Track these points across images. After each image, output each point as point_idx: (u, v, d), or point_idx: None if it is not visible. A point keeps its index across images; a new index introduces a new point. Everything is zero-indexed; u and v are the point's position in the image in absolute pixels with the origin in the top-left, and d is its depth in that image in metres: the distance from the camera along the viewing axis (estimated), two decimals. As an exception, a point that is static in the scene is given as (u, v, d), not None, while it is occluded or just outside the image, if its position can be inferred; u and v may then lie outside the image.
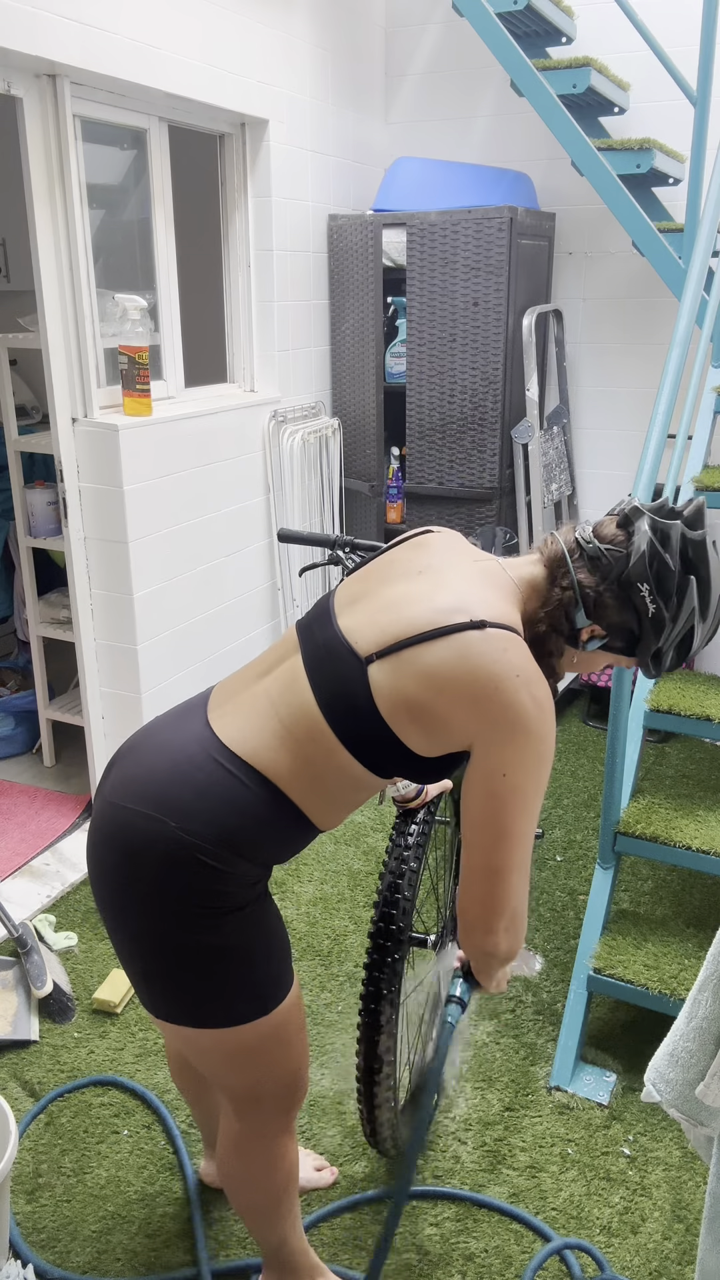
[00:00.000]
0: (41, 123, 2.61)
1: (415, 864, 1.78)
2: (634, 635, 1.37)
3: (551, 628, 1.37)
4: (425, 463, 3.79)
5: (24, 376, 4.18)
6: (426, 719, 1.29)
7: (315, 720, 1.32)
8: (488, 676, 1.25)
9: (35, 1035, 2.34)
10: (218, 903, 1.33)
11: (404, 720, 1.29)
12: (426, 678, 1.27)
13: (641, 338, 3.97)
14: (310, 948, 2.68)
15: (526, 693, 1.26)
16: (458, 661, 1.26)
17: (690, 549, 1.35)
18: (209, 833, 1.30)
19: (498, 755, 1.27)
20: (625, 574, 1.34)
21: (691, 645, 1.39)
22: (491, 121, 4.01)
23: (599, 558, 1.35)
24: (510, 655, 1.27)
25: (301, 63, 3.52)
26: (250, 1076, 1.46)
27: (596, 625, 1.37)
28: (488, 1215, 1.92)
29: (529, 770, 1.28)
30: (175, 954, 1.35)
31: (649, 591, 1.33)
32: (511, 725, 1.26)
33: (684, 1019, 1.26)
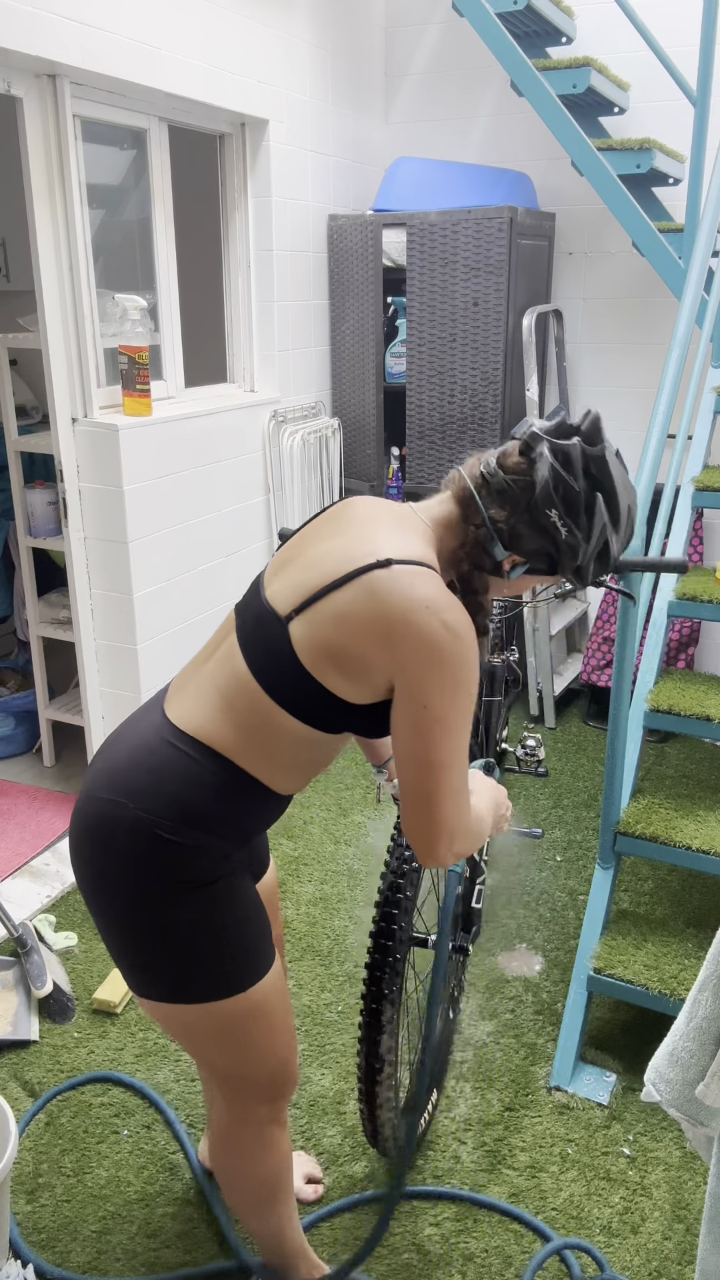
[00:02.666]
0: (41, 123, 2.61)
1: (417, 863, 1.78)
2: (553, 558, 1.39)
3: (474, 565, 1.39)
4: (425, 463, 3.79)
5: (24, 376, 4.18)
6: (347, 663, 1.31)
7: (252, 688, 1.36)
8: (396, 610, 1.27)
9: (35, 1035, 2.34)
10: (183, 878, 1.36)
11: (328, 669, 1.32)
12: (340, 622, 1.30)
13: (641, 338, 3.97)
14: (310, 948, 2.68)
15: (437, 620, 1.27)
16: (367, 600, 1.29)
17: (592, 465, 1.36)
18: (166, 810, 1.35)
19: (416, 687, 1.29)
20: (533, 502, 1.35)
21: (610, 556, 1.42)
22: (491, 121, 4.01)
23: (505, 489, 1.36)
24: (418, 587, 1.29)
25: (301, 63, 3.52)
26: (232, 1057, 1.47)
27: (516, 555, 1.39)
28: (488, 1215, 1.92)
29: (449, 698, 1.29)
30: (149, 932, 1.38)
31: (558, 516, 1.35)
32: (426, 655, 1.27)
33: (684, 1019, 1.26)
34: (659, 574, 2.35)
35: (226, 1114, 1.55)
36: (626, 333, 4.00)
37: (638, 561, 1.92)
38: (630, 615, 2.11)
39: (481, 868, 2.09)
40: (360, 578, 1.30)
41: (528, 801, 3.44)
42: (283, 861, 3.07)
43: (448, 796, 1.34)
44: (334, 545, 1.36)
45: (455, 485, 1.41)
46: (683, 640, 3.90)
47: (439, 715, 1.29)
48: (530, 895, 2.90)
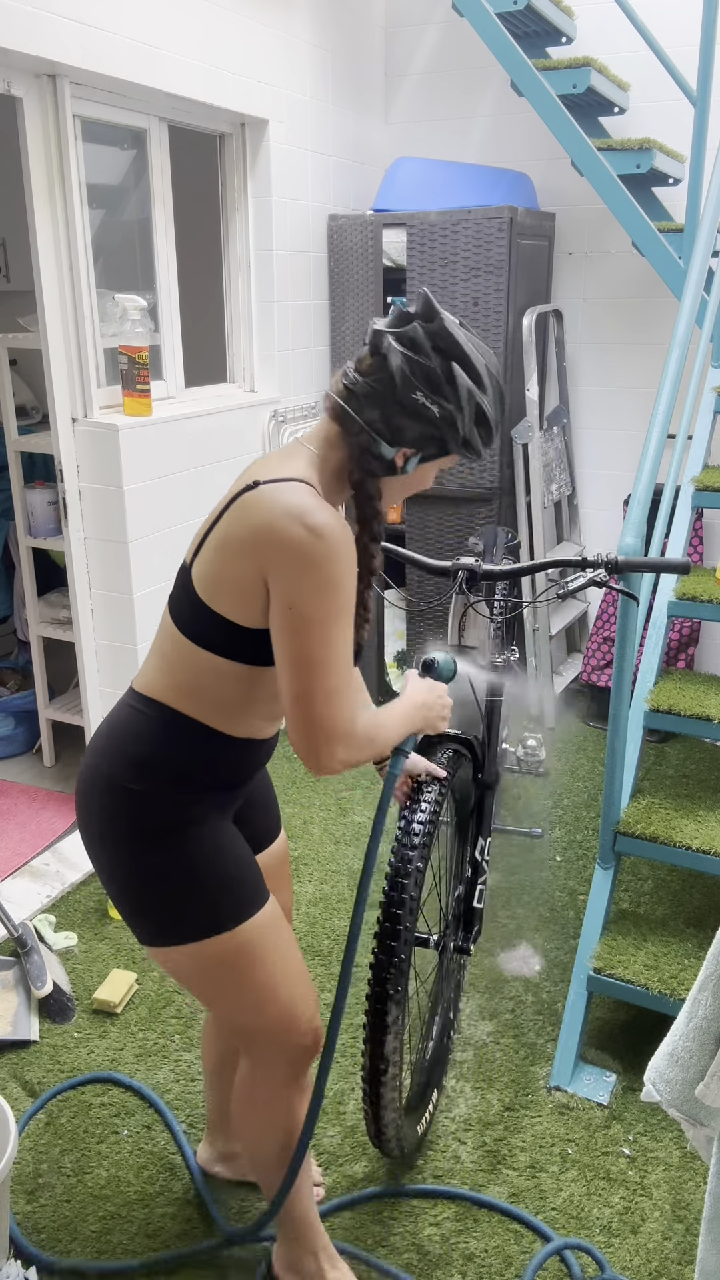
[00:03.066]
0: (41, 123, 2.61)
1: (421, 864, 1.78)
2: (438, 437, 1.44)
3: (365, 471, 1.45)
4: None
5: (24, 376, 4.17)
6: (231, 585, 1.38)
7: (176, 636, 1.46)
8: (261, 521, 1.35)
9: (35, 1035, 2.34)
10: (149, 823, 1.46)
11: (219, 596, 1.40)
12: (218, 548, 1.40)
13: (641, 338, 3.97)
14: (310, 948, 2.68)
15: (299, 524, 1.32)
16: (238, 522, 1.38)
17: (438, 340, 1.41)
18: (124, 761, 1.47)
19: (283, 591, 1.34)
20: (398, 392, 1.40)
21: (488, 420, 1.46)
22: (491, 121, 4.01)
23: (370, 391, 1.41)
24: (281, 498, 1.35)
25: (301, 63, 3.52)
26: (233, 1001, 1.53)
27: (404, 448, 1.44)
28: (488, 1215, 1.92)
29: (316, 598, 1.33)
30: (132, 877, 1.48)
31: (425, 395, 1.40)
32: (289, 558, 1.33)
33: (684, 1019, 1.26)
34: (659, 574, 2.35)
35: (247, 1067, 1.61)
36: (626, 333, 4.00)
37: (640, 562, 1.92)
38: (630, 615, 2.11)
39: (482, 868, 2.09)
40: (233, 505, 1.40)
41: (528, 801, 3.44)
42: (283, 861, 3.07)
43: (322, 697, 1.37)
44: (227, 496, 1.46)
45: (327, 404, 1.46)
46: (683, 640, 3.90)
47: (307, 615, 1.34)
48: (530, 895, 2.90)
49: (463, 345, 1.41)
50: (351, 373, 1.44)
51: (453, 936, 2.15)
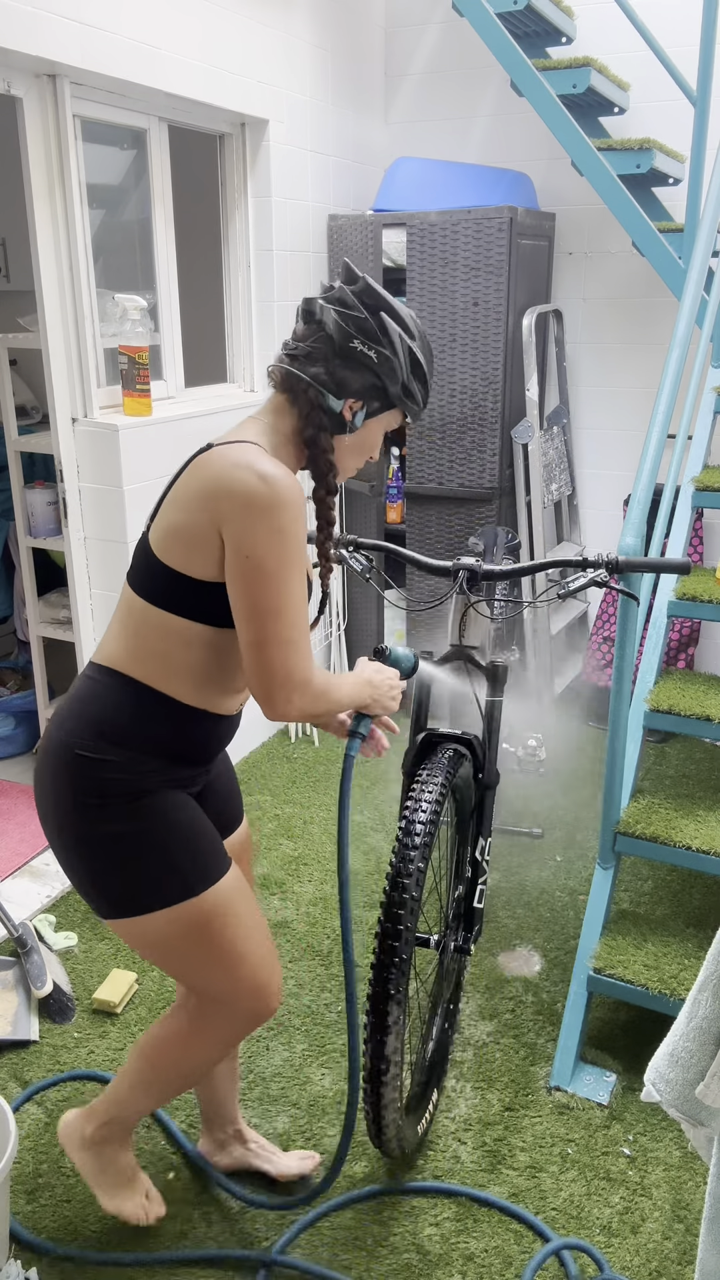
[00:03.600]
0: (41, 123, 2.61)
1: (422, 864, 1.78)
2: (380, 386, 1.53)
3: (316, 428, 1.53)
4: (425, 463, 3.79)
5: (24, 376, 4.17)
6: (185, 538, 1.44)
7: (134, 601, 1.51)
8: (213, 473, 1.43)
9: (35, 1035, 2.34)
10: (106, 790, 1.49)
11: (174, 550, 1.45)
12: (172, 505, 1.47)
13: (641, 338, 3.97)
14: (310, 948, 2.68)
15: (251, 473, 1.40)
16: (191, 478, 1.46)
17: (363, 295, 1.52)
18: (80, 726, 1.50)
19: (238, 538, 1.40)
20: (338, 345, 1.50)
21: (422, 367, 1.56)
22: (491, 121, 4.01)
23: (311, 351, 1.51)
24: (232, 454, 1.43)
25: (301, 63, 3.52)
26: (205, 966, 1.57)
27: (350, 399, 1.53)
28: (488, 1215, 1.92)
29: (269, 545, 1.39)
30: (89, 847, 1.51)
31: (363, 343, 1.50)
32: (242, 505, 1.39)
33: (684, 1019, 1.26)
34: (659, 574, 2.35)
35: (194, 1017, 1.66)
36: (626, 333, 4.00)
37: (640, 562, 1.92)
38: (630, 615, 2.11)
39: (482, 868, 2.09)
40: (189, 466, 1.48)
41: (528, 802, 3.44)
42: (283, 861, 3.07)
43: (277, 645, 1.43)
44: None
45: (274, 376, 1.56)
46: (683, 640, 3.90)
47: (260, 562, 1.39)
48: (530, 895, 2.90)
49: (387, 299, 1.53)
50: (290, 342, 1.54)
51: (453, 936, 2.15)
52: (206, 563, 1.44)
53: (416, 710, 2.13)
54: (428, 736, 2.07)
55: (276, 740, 3.90)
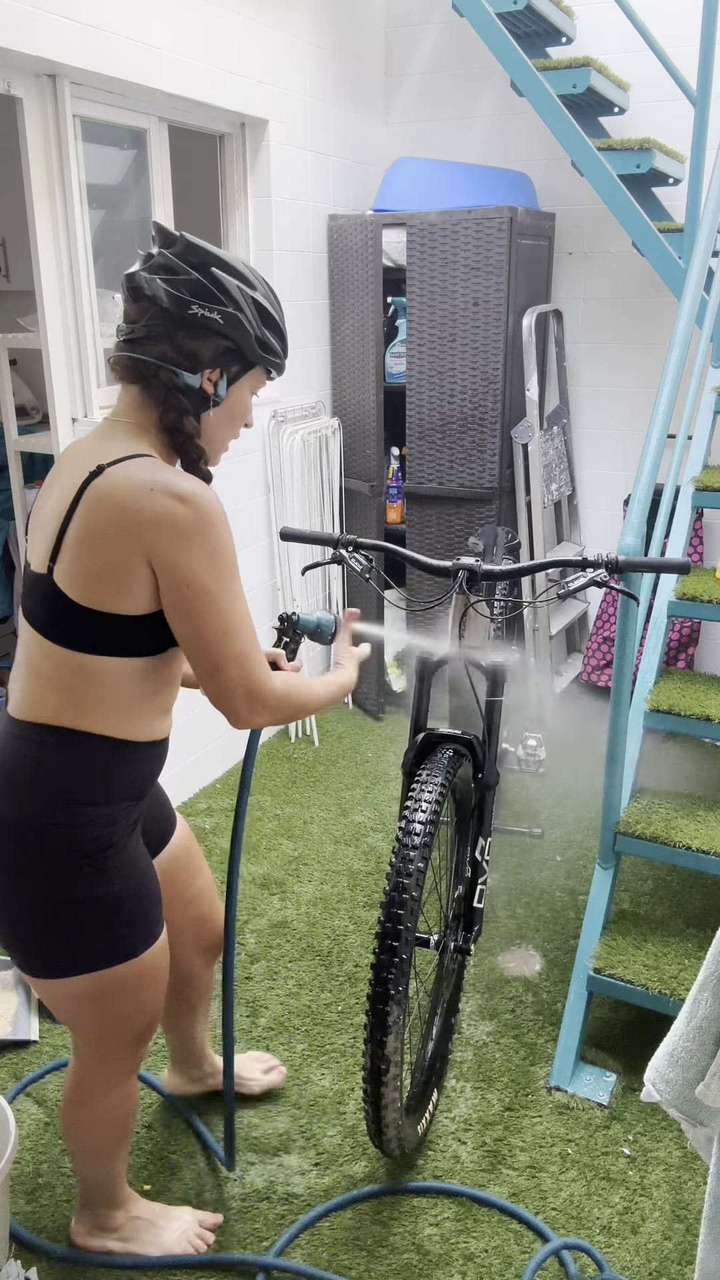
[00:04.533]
0: (41, 123, 2.61)
1: (422, 864, 1.78)
2: (234, 348, 1.42)
3: (178, 411, 1.41)
4: (425, 463, 3.79)
5: (24, 376, 4.17)
6: (112, 578, 1.33)
7: (53, 651, 1.38)
8: (125, 505, 1.30)
9: (35, 1035, 2.34)
10: (76, 853, 1.42)
11: (100, 593, 1.33)
12: (85, 544, 1.32)
13: (641, 338, 3.97)
14: (310, 948, 2.68)
15: (166, 497, 1.30)
16: (96, 511, 1.32)
17: (186, 256, 1.39)
18: (36, 796, 1.40)
19: (173, 571, 1.32)
20: (176, 316, 1.37)
21: (272, 315, 1.45)
22: (491, 121, 4.01)
23: (148, 331, 1.38)
24: (136, 475, 1.32)
25: (301, 63, 3.52)
26: (118, 1019, 1.55)
27: (206, 370, 1.41)
28: (488, 1215, 1.92)
29: (207, 568, 1.33)
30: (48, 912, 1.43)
31: (201, 306, 1.38)
32: (168, 535, 1.30)
33: (684, 1019, 1.26)
34: (659, 574, 2.35)
35: (90, 1070, 1.62)
36: (626, 333, 4.00)
37: (640, 562, 1.92)
38: (630, 615, 2.11)
39: (482, 868, 2.09)
40: (82, 498, 1.33)
41: (527, 802, 3.44)
42: (282, 861, 3.07)
43: (234, 665, 1.38)
44: (54, 491, 1.41)
45: (117, 368, 1.43)
46: (683, 640, 3.90)
47: (202, 589, 1.33)
48: (530, 895, 2.90)
49: (213, 251, 1.41)
50: (123, 327, 1.42)
51: (453, 936, 2.15)
52: (138, 598, 1.35)
53: (416, 710, 2.13)
54: (428, 736, 2.07)
55: (276, 740, 3.90)
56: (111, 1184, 1.77)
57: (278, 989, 2.52)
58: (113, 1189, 1.78)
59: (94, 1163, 1.73)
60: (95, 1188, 1.77)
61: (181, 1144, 2.07)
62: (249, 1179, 1.99)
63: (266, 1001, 2.48)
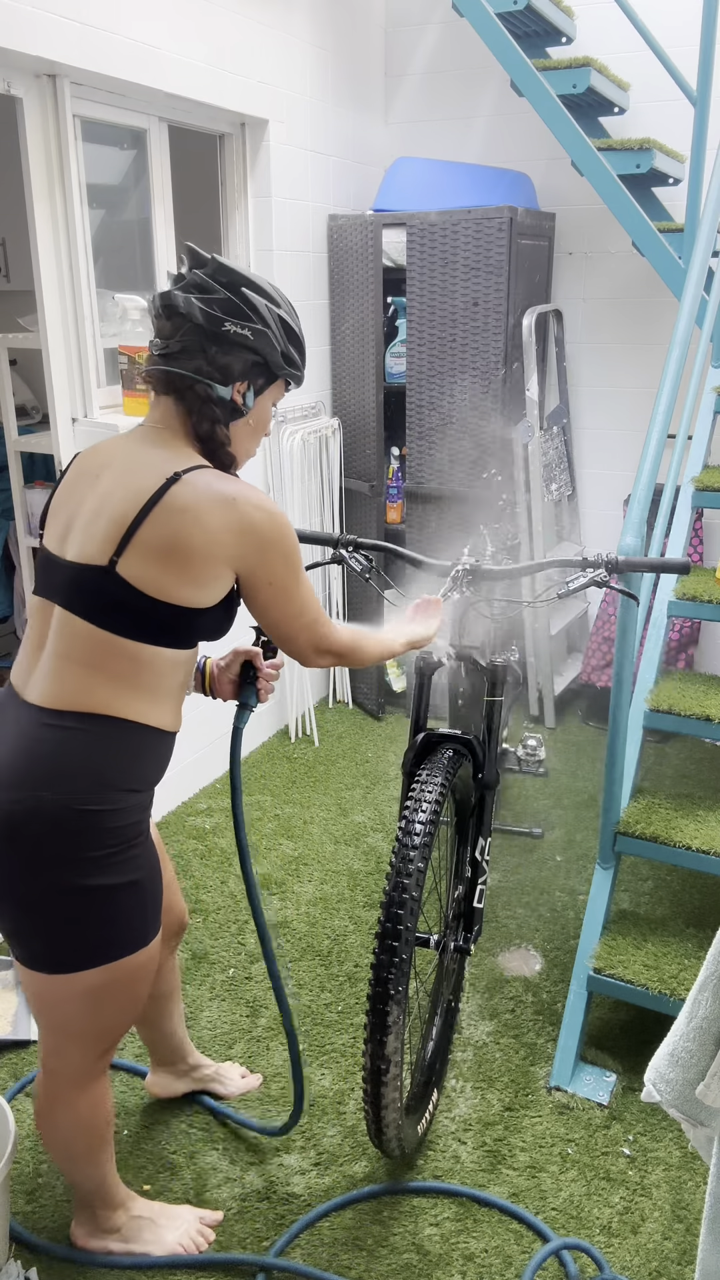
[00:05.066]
0: (41, 123, 2.61)
1: (422, 864, 1.78)
2: (261, 362, 1.52)
3: (212, 421, 1.51)
4: (425, 463, 3.79)
5: (24, 376, 4.17)
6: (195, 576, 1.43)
7: (102, 638, 1.43)
8: (211, 515, 1.42)
9: (35, 1035, 2.34)
10: (111, 840, 1.45)
11: (178, 588, 1.43)
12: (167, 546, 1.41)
13: (641, 338, 3.97)
14: (310, 948, 2.68)
15: (249, 508, 1.44)
16: (181, 516, 1.41)
17: (218, 276, 1.49)
18: (76, 781, 1.42)
19: (256, 572, 1.49)
20: (210, 332, 1.47)
21: (294, 331, 1.55)
22: (491, 121, 4.01)
23: (184, 347, 1.48)
24: (215, 486, 1.44)
25: (301, 63, 3.52)
26: (112, 1014, 1.57)
27: (236, 383, 1.51)
28: (488, 1215, 1.92)
29: (285, 568, 1.50)
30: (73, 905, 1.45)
31: (233, 323, 1.47)
32: (255, 543, 1.46)
33: (684, 1019, 1.26)
34: (659, 574, 2.35)
35: (63, 1074, 1.62)
36: (626, 333, 4.00)
37: (640, 562, 1.92)
38: (630, 615, 2.11)
39: (482, 868, 2.09)
40: (164, 500, 1.41)
41: (527, 801, 3.44)
42: (283, 861, 3.07)
43: (303, 631, 1.59)
44: (107, 488, 1.46)
45: (153, 382, 1.53)
46: (683, 640, 3.90)
47: (282, 586, 1.52)
48: (530, 895, 2.90)
49: (243, 272, 1.50)
50: (158, 345, 1.50)
51: (453, 936, 2.15)
52: (214, 593, 1.47)
53: (416, 710, 2.13)
54: (428, 736, 2.07)
55: (276, 740, 3.90)
56: (104, 1186, 1.77)
57: (278, 989, 2.52)
58: (107, 1191, 1.78)
59: (80, 1168, 1.72)
60: (88, 1191, 1.77)
61: (181, 1144, 2.07)
62: (249, 1179, 1.99)
63: (266, 1001, 2.48)
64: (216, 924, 2.76)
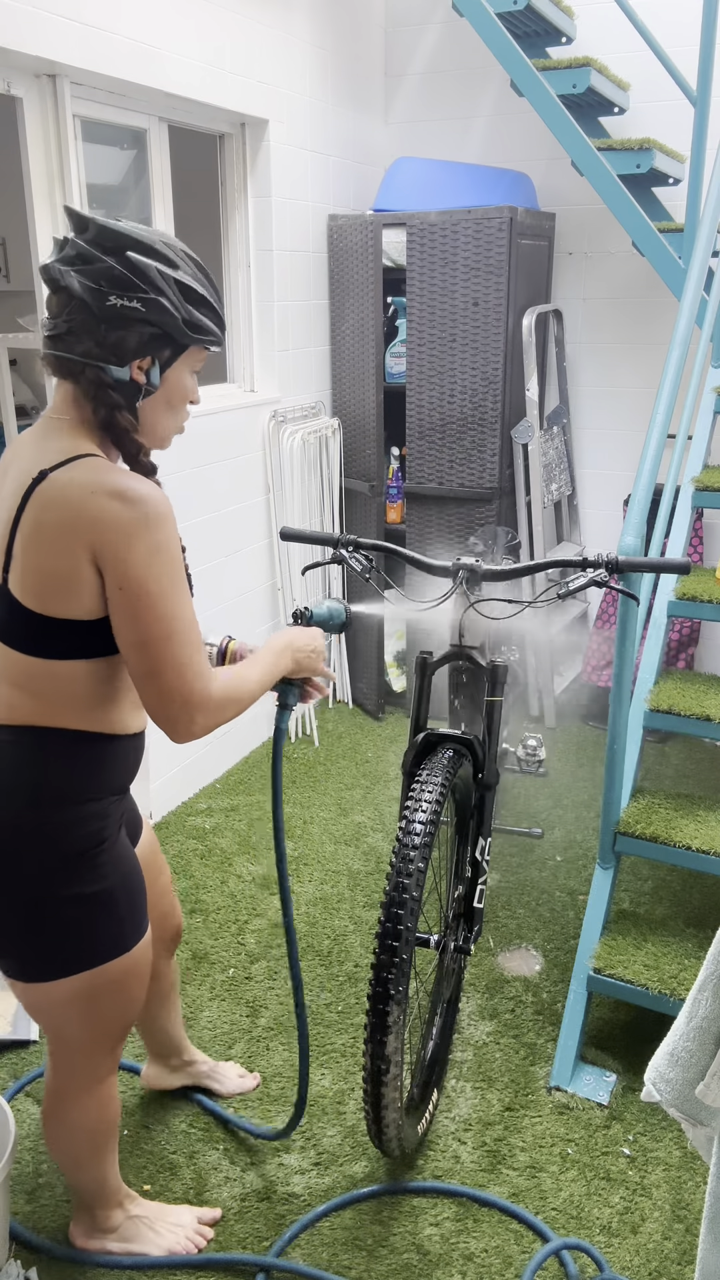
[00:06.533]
0: (41, 123, 2.61)
1: (422, 864, 1.78)
2: (161, 333, 1.36)
3: (110, 407, 1.36)
4: (425, 463, 3.79)
5: (24, 376, 4.18)
6: (62, 584, 1.30)
7: (16, 657, 1.36)
8: (67, 509, 1.28)
9: (35, 1035, 2.34)
10: (73, 849, 1.42)
11: (53, 600, 1.31)
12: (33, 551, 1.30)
13: (641, 338, 3.97)
14: (310, 948, 2.68)
15: (106, 498, 1.27)
16: (41, 519, 1.29)
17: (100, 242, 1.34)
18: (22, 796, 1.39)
19: (114, 571, 1.28)
20: (96, 308, 1.31)
21: (196, 292, 1.38)
22: (491, 121, 4.01)
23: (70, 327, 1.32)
24: (77, 478, 1.28)
25: (301, 63, 3.52)
26: (104, 1020, 1.54)
27: (134, 361, 1.36)
28: (488, 1215, 1.92)
29: (149, 568, 1.29)
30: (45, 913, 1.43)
31: (120, 296, 1.32)
32: (110, 536, 1.27)
33: (684, 1019, 1.26)
34: (659, 574, 2.35)
35: (69, 1076, 1.61)
36: (626, 333, 4.00)
37: (640, 562, 1.92)
38: (630, 615, 2.11)
39: (482, 868, 2.09)
40: (28, 504, 1.30)
41: (527, 801, 3.44)
42: (283, 861, 3.07)
43: (173, 671, 1.33)
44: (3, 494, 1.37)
45: (46, 366, 1.38)
46: (683, 640, 3.90)
47: (143, 589, 1.29)
48: (530, 895, 2.90)
49: (129, 234, 1.34)
50: (46, 323, 1.36)
51: (453, 936, 2.15)
52: (88, 604, 1.32)
53: (416, 710, 2.13)
54: (427, 736, 2.07)
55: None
56: (104, 1187, 1.77)
57: (278, 989, 2.52)
58: (107, 1192, 1.78)
59: (83, 1170, 1.72)
60: (89, 1192, 1.77)
61: (181, 1144, 2.07)
62: (249, 1179, 1.99)
63: (266, 1001, 2.48)
64: (216, 924, 2.76)
